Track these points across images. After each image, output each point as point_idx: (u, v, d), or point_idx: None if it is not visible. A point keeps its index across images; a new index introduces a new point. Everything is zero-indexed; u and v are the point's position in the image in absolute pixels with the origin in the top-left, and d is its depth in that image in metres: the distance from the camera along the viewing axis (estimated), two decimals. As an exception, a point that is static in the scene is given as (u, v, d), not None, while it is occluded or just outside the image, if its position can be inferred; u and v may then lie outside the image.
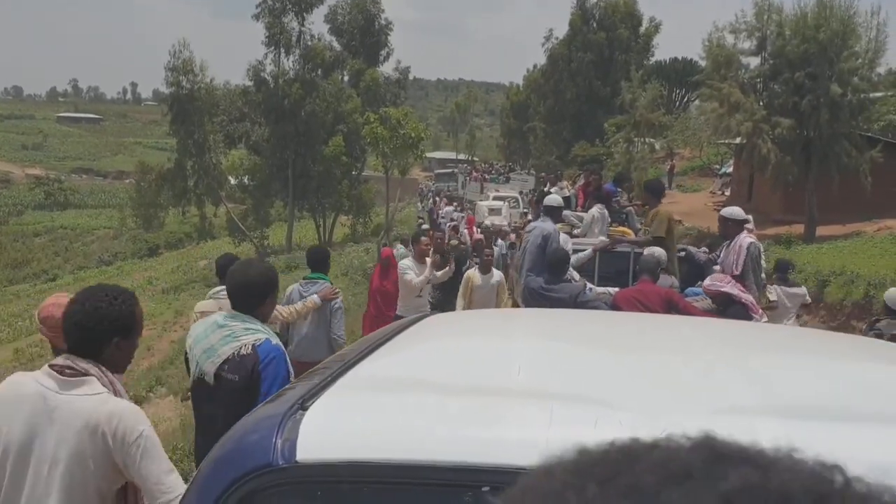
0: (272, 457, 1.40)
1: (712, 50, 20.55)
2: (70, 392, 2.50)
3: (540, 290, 6.49)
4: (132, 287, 23.73)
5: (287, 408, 1.53)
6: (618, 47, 48.26)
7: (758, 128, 19.02)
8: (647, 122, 29.29)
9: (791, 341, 2.49)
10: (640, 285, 6.09)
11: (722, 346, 2.22)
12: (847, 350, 2.32)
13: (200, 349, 3.41)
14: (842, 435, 1.29)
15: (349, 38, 40.26)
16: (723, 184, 32.06)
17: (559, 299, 6.24)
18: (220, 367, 3.32)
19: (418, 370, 1.83)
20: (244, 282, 3.48)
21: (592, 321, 2.96)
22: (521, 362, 1.79)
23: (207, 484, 1.50)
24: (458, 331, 2.55)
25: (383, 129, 23.95)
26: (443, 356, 2.01)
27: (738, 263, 6.67)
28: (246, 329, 3.36)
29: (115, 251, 55.05)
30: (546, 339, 2.25)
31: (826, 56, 18.88)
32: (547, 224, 7.70)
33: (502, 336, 2.28)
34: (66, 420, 2.47)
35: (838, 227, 20.40)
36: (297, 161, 35.92)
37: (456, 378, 1.67)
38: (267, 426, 1.49)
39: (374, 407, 1.55)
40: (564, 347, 2.12)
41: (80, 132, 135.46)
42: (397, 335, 2.25)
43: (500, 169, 72.25)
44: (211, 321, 3.49)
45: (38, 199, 78.50)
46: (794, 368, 1.90)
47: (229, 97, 38.06)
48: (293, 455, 1.39)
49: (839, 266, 13.55)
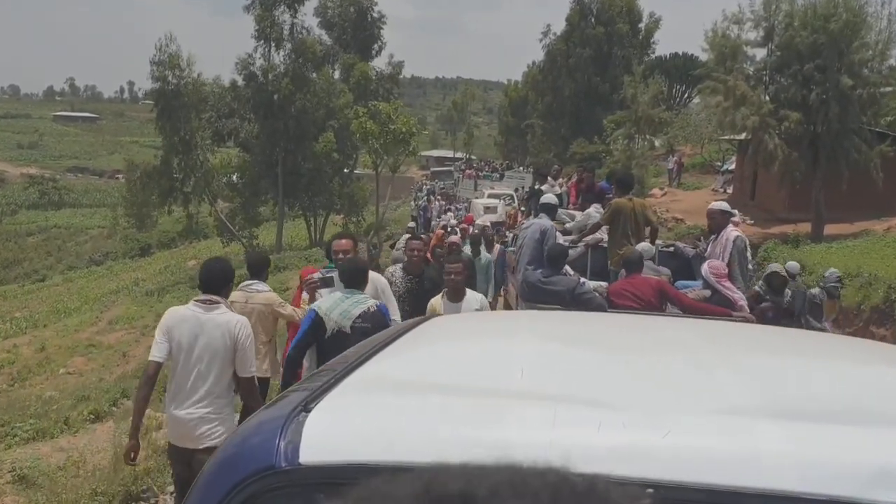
0: (275, 459, 1.40)
1: (716, 41, 19.71)
2: (211, 313, 4.61)
3: (538, 283, 6.73)
4: (117, 288, 23.09)
5: (290, 410, 1.53)
6: (616, 42, 47.72)
7: (764, 122, 18.22)
8: (648, 119, 28.56)
9: (792, 342, 2.49)
10: (630, 278, 6.40)
11: (724, 346, 2.23)
12: (849, 351, 2.35)
13: (337, 313, 4.96)
14: (842, 437, 1.29)
15: (340, 32, 39.30)
16: (725, 181, 31.37)
17: (557, 292, 6.52)
18: (354, 321, 4.91)
19: (422, 372, 1.82)
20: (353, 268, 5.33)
21: (595, 322, 2.99)
22: (524, 364, 1.78)
23: (210, 486, 1.50)
24: (462, 332, 2.57)
25: (373, 123, 23.03)
26: (447, 358, 2.01)
27: (724, 256, 6.93)
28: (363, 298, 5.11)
29: (107, 251, 54.53)
30: (549, 341, 2.22)
31: (836, 47, 18.09)
32: (544, 220, 8.03)
33: (506, 338, 2.29)
34: (211, 330, 4.55)
35: (846, 225, 19.72)
36: (288, 158, 34.95)
37: (460, 380, 1.68)
38: (270, 428, 1.49)
39: (377, 409, 1.54)
40: (568, 349, 2.10)
41: (77, 131, 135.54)
42: (401, 337, 2.26)
43: (495, 166, 72.06)
44: (337, 296, 5.12)
45: (33, 198, 78.25)
46: (794, 369, 1.92)
47: (219, 93, 37.10)
48: (296, 457, 1.40)
49: (854, 267, 12.69)
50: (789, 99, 18.80)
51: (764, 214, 23.08)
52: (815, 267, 14.28)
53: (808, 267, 14.63)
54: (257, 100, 34.85)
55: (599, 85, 47.26)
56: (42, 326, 25.39)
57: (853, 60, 18.17)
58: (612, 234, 8.45)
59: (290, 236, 40.32)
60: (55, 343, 20.59)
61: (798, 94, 18.63)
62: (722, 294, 6.38)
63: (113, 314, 24.87)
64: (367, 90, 34.94)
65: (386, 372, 1.84)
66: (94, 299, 30.47)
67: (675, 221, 23.46)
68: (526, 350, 1.99)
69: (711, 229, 7.59)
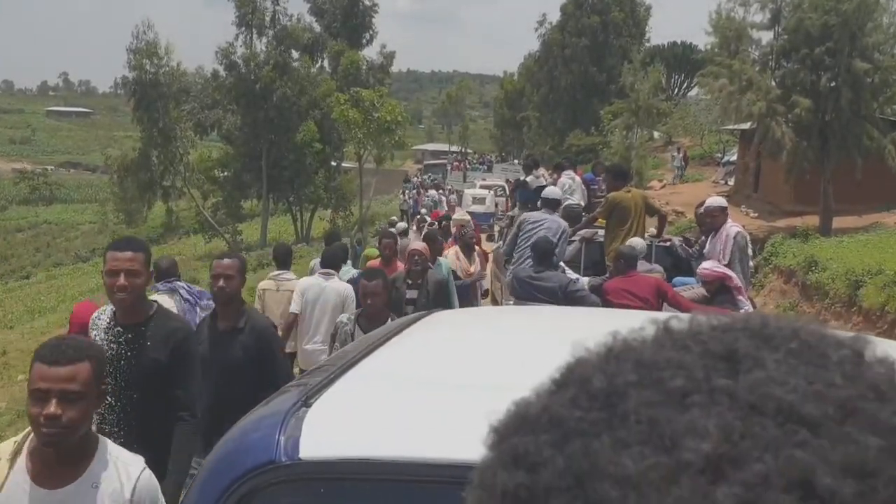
0: (275, 454, 1.41)
1: (721, 23, 18.68)
2: (328, 282, 6.52)
3: (529, 279, 6.50)
4: (96, 286, 21.89)
5: (290, 405, 1.53)
6: (612, 31, 46.79)
7: (772, 108, 17.19)
8: (648, 108, 27.60)
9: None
10: (628, 276, 6.26)
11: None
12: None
13: None
14: None
15: (330, 20, 38.08)
16: (726, 173, 30.69)
17: (548, 288, 6.28)
18: None
19: (421, 367, 1.85)
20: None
21: (597, 317, 2.96)
22: (524, 359, 1.76)
23: (211, 481, 1.50)
24: (461, 328, 2.55)
25: (355, 111, 21.84)
26: (446, 353, 2.03)
27: (724, 253, 6.71)
28: None
29: (95, 247, 53.74)
30: (549, 336, 2.20)
31: (848, 29, 17.04)
32: (559, 219, 7.85)
33: (505, 333, 2.32)
34: (328, 294, 6.41)
35: (854, 218, 18.75)
36: (272, 150, 33.69)
37: (459, 375, 1.68)
38: (270, 423, 1.49)
39: (376, 404, 1.55)
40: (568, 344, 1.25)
41: (70, 126, 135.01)
42: (400, 332, 2.25)
43: (489, 159, 71.90)
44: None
45: (23, 193, 77.57)
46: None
47: (201, 83, 35.85)
48: (296, 452, 1.40)
49: (875, 264, 11.61)
50: (797, 84, 17.80)
51: (768, 207, 22.21)
52: (829, 263, 13.23)
53: (820, 263, 13.61)
54: (239, 89, 33.55)
55: (596, 75, 46.48)
56: (9, 328, 24.30)
57: (867, 44, 17.15)
58: (609, 229, 8.16)
59: (276, 232, 39.19)
60: (18, 346, 19.50)
61: (807, 79, 17.61)
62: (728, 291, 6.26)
63: (84, 315, 23.70)
64: (357, 80, 33.66)
65: (385, 367, 1.88)
66: (72, 298, 29.36)
67: (675, 215, 22.56)
68: (525, 345, 2.01)
69: (709, 227, 7.25)
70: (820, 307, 12.64)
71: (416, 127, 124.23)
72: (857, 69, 16.88)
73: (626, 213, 7.98)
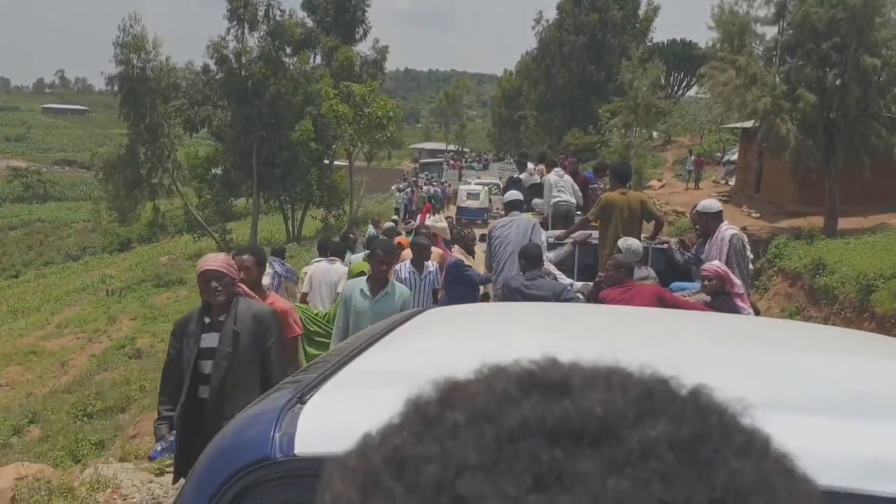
0: (270, 450, 1.41)
1: (723, 18, 18.08)
2: (333, 266, 8.63)
3: (521, 288, 6.30)
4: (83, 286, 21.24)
5: (285, 401, 1.53)
6: (611, 29, 46.24)
7: (777, 104, 16.59)
8: (647, 106, 27.02)
9: (793, 336, 2.48)
10: (626, 285, 6.08)
11: (724, 339, 2.23)
12: (849, 344, 2.34)
13: None
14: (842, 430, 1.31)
15: (323, 14, 37.35)
16: (727, 172, 30.17)
17: (541, 297, 6.08)
18: None
19: (418, 364, 1.72)
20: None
21: (592, 315, 2.96)
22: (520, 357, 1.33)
23: (205, 477, 1.50)
24: (458, 324, 2.54)
25: (346, 107, 21.13)
26: (443, 350, 2.00)
27: (720, 256, 6.58)
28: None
29: (87, 246, 53.11)
30: (545, 334, 2.21)
31: (855, 24, 16.44)
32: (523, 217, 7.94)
33: (502, 330, 2.30)
34: (331, 275, 8.46)
35: (858, 219, 18.18)
36: (263, 147, 32.99)
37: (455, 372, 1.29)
38: (265, 420, 1.49)
39: (372, 400, 1.42)
40: (566, 342, 2.03)
41: (66, 123, 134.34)
42: (397, 329, 2.25)
43: (485, 157, 71.67)
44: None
45: (17, 191, 76.67)
46: (797, 363, 1.92)
47: (191, 78, 35.07)
48: (291, 448, 1.40)
49: (888, 267, 11.01)
50: (802, 80, 17.22)
51: (770, 207, 21.62)
52: (838, 265, 12.64)
53: (828, 266, 13.03)
54: (230, 85, 32.82)
55: (594, 73, 46.01)
56: (-11, 329, 23.64)
57: (875, 39, 16.56)
58: (602, 232, 7.90)
59: (268, 231, 38.43)
60: (-8, 349, 18.83)
61: (813, 75, 17.02)
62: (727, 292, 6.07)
63: (65, 316, 23.09)
64: (351, 76, 32.94)
65: (382, 364, 1.86)
66: (56, 298, 28.70)
67: (675, 215, 22.03)
68: (521, 343, 2.00)
69: (703, 232, 7.04)
70: (828, 312, 12.03)
71: (414, 126, 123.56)
72: (865, 65, 16.31)
73: (618, 217, 7.73)
